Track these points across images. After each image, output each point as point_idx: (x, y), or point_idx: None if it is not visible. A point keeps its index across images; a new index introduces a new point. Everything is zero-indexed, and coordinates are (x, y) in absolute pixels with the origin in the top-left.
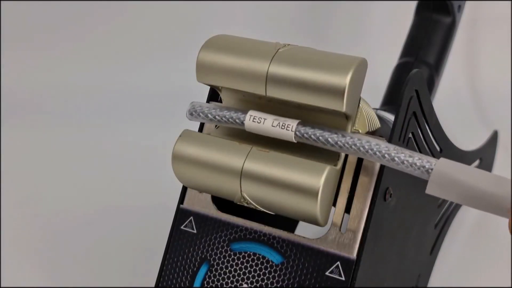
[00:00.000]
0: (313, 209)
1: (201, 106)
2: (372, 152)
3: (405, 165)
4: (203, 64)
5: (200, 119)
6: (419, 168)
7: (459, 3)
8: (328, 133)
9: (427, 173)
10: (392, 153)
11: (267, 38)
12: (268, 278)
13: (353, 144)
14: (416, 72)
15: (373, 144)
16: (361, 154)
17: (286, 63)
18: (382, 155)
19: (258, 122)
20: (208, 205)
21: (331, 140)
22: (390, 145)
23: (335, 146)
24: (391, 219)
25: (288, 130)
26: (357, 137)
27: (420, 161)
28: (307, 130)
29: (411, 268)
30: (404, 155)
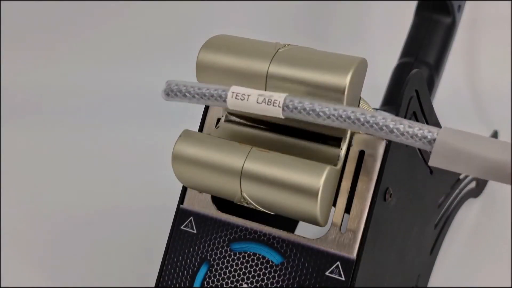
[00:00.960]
0: (313, 209)
1: (177, 84)
2: (368, 124)
3: (405, 136)
4: (203, 64)
5: (178, 98)
6: (421, 139)
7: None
8: (319, 106)
9: (429, 144)
10: (391, 124)
11: (267, 38)
12: (268, 278)
13: (347, 116)
14: (416, 72)
15: (368, 116)
16: (356, 126)
17: (286, 63)
18: (379, 127)
19: (242, 99)
20: (208, 205)
21: (324, 113)
22: (388, 116)
23: (329, 120)
24: (391, 219)
25: (275, 106)
26: (352, 109)
27: (422, 132)
28: (297, 104)
29: (411, 268)
30: (403, 126)
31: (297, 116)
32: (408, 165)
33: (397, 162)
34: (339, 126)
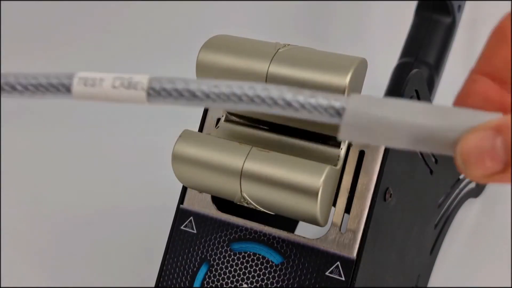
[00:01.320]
0: (313, 209)
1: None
2: (259, 99)
3: (307, 109)
4: (203, 64)
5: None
6: (326, 110)
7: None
8: (196, 83)
9: (337, 114)
10: (287, 97)
11: (267, 38)
12: (268, 278)
13: (231, 93)
14: (416, 72)
15: (259, 90)
16: (244, 105)
17: (286, 63)
18: (274, 101)
19: (92, 85)
20: (208, 205)
21: (202, 92)
22: (284, 87)
23: (209, 100)
24: (391, 219)
25: (137, 89)
26: (238, 84)
27: (327, 101)
28: (166, 85)
29: (411, 268)
30: (304, 97)
31: (167, 101)
32: (408, 165)
33: (397, 162)
34: (223, 107)
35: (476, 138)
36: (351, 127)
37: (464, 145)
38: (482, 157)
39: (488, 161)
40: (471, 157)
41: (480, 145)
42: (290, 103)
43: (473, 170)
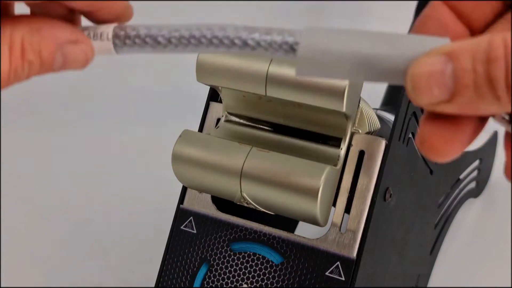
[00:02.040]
0: (313, 209)
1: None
2: (217, 40)
3: (263, 47)
4: (203, 64)
5: None
6: (281, 46)
7: None
8: (157, 29)
9: (292, 50)
10: (243, 35)
11: None
12: (268, 278)
13: (191, 36)
14: None
15: (217, 30)
16: (204, 47)
17: (286, 63)
18: (231, 41)
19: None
20: (208, 205)
21: (163, 37)
22: (240, 26)
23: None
24: (391, 219)
25: (102, 40)
26: (197, 26)
27: (281, 37)
28: (130, 32)
29: (411, 268)
30: (259, 34)
31: (134, 50)
32: (408, 165)
33: (397, 162)
34: (184, 51)
35: (427, 63)
36: (307, 61)
37: (415, 69)
38: (430, 83)
39: (436, 88)
40: (421, 82)
41: (430, 70)
42: (246, 42)
43: (421, 97)
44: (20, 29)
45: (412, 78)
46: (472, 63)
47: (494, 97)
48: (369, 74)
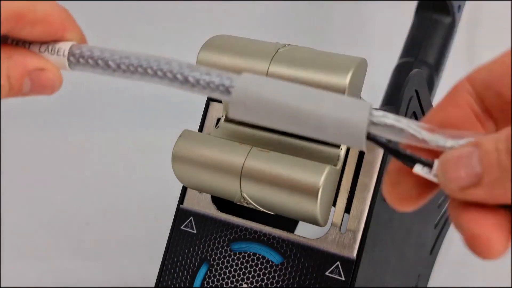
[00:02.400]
0: (313, 209)
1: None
2: (161, 73)
3: (201, 85)
4: (203, 64)
5: None
6: (218, 87)
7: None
8: (110, 53)
9: (227, 92)
10: (185, 72)
11: (267, 38)
12: (268, 278)
13: (138, 65)
14: (416, 72)
15: (162, 63)
16: (149, 78)
17: (286, 63)
18: (174, 75)
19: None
20: (208, 205)
21: (114, 62)
22: (184, 63)
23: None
24: (391, 219)
25: (59, 55)
26: (146, 57)
27: (219, 79)
28: (84, 52)
29: (411, 268)
30: (199, 73)
31: (86, 69)
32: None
33: None
34: (131, 78)
35: (456, 150)
36: (239, 105)
37: (445, 155)
38: (458, 166)
39: (463, 170)
40: (449, 165)
41: (459, 155)
42: (187, 78)
43: (450, 181)
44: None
45: (442, 162)
46: (495, 145)
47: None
48: (297, 127)
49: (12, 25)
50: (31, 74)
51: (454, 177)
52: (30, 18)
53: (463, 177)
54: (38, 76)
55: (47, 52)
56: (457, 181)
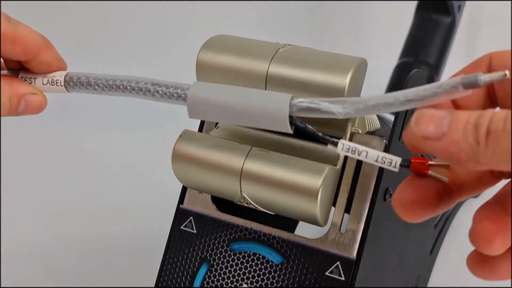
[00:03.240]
0: (313, 209)
1: None
2: (134, 91)
3: (164, 98)
4: (203, 64)
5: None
6: (177, 98)
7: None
8: (94, 78)
9: (184, 100)
10: (151, 88)
11: (267, 38)
12: (268, 278)
13: (120, 85)
14: (416, 72)
15: (133, 83)
16: (128, 93)
17: (286, 63)
18: (143, 92)
19: (30, 81)
20: (208, 205)
21: (98, 85)
22: (149, 80)
23: (106, 89)
24: (391, 219)
25: (58, 85)
26: (122, 78)
27: (176, 91)
28: (76, 81)
29: (411, 268)
30: (161, 88)
31: (80, 91)
32: None
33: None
34: (113, 95)
35: (433, 111)
36: (194, 109)
37: (423, 110)
38: (430, 121)
39: (432, 126)
40: (423, 118)
41: (434, 114)
42: (153, 92)
43: (418, 128)
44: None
45: (418, 114)
46: (468, 117)
47: (474, 140)
48: (239, 120)
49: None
50: (25, 97)
51: (423, 128)
52: (11, 38)
53: (430, 130)
54: (31, 98)
55: (48, 83)
56: (424, 131)
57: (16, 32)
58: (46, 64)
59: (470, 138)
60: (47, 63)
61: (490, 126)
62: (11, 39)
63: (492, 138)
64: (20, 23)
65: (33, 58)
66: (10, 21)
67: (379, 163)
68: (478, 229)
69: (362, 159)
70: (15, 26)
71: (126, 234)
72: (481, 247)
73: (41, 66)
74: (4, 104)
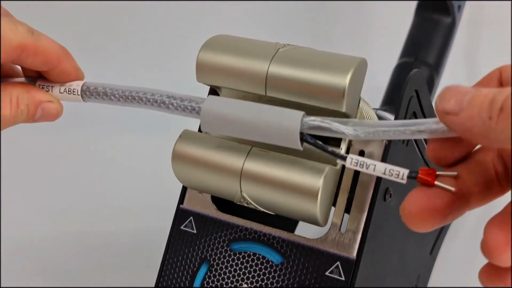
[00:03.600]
0: (313, 209)
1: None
2: (150, 102)
3: (179, 111)
4: (203, 64)
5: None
6: (191, 111)
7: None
8: (110, 89)
9: (197, 113)
10: (166, 101)
11: (267, 38)
12: (268, 278)
13: (137, 96)
14: (416, 72)
15: (149, 95)
16: (143, 104)
17: (286, 63)
18: (158, 104)
19: (47, 89)
20: (208, 205)
21: (114, 96)
22: (164, 92)
23: (122, 100)
24: (391, 219)
25: (74, 94)
26: (137, 89)
27: (191, 104)
28: (92, 91)
29: (411, 268)
30: (176, 101)
31: (96, 100)
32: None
33: (397, 162)
34: (128, 106)
35: (460, 87)
36: (207, 122)
37: (449, 86)
38: (452, 95)
39: (453, 100)
40: (447, 93)
41: (458, 89)
42: (169, 105)
43: (441, 103)
44: (16, 90)
45: (443, 89)
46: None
47: (487, 115)
48: (251, 136)
49: (18, 53)
50: (42, 105)
51: (444, 102)
52: (33, 50)
53: (451, 104)
54: (48, 106)
55: (65, 92)
56: (445, 104)
57: (38, 44)
58: (65, 73)
59: (484, 113)
60: (66, 73)
61: (504, 103)
62: (33, 50)
63: (504, 115)
64: (42, 34)
65: (53, 68)
66: (33, 33)
67: (386, 175)
68: (490, 240)
69: (370, 172)
70: (38, 38)
71: (126, 234)
72: (493, 258)
73: (60, 75)
74: (22, 111)
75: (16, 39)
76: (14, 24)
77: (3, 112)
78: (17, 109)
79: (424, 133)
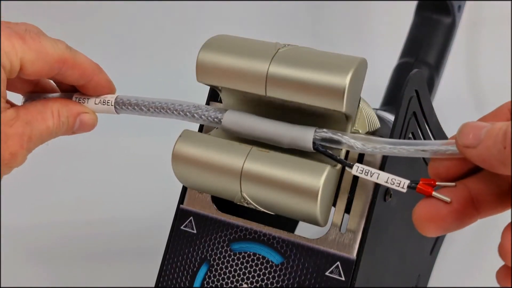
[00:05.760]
0: (313, 209)
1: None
2: (176, 112)
3: (198, 115)
4: (203, 64)
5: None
6: (214, 119)
7: (459, 3)
8: (142, 101)
9: (219, 122)
10: (192, 110)
11: (267, 38)
12: (268, 278)
13: (166, 108)
14: (416, 72)
15: (177, 105)
16: (173, 115)
17: (286, 63)
18: (184, 113)
19: (83, 101)
20: (208, 205)
21: (145, 107)
22: (190, 103)
23: (155, 112)
24: (391, 219)
25: (108, 105)
26: (166, 101)
27: (214, 113)
28: (125, 101)
29: (411, 268)
30: (201, 110)
31: (127, 111)
32: (408, 165)
33: (397, 162)
34: (157, 116)
35: (478, 123)
36: (227, 130)
37: (468, 122)
38: (470, 131)
39: (471, 135)
40: (466, 128)
41: (475, 125)
42: (194, 114)
43: (460, 138)
44: (56, 104)
45: (462, 126)
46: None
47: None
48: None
49: (60, 66)
50: (80, 116)
51: (463, 137)
52: (71, 64)
53: (469, 139)
54: (84, 117)
55: (100, 103)
56: (464, 140)
57: (76, 58)
58: (99, 86)
59: (499, 143)
60: (100, 85)
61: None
62: (72, 64)
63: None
64: (77, 51)
65: (88, 81)
66: (71, 49)
67: (389, 184)
68: (506, 244)
69: (374, 180)
70: (75, 54)
71: (126, 234)
72: (510, 260)
73: (95, 88)
74: (63, 122)
75: (57, 53)
76: (54, 41)
77: (47, 124)
78: (59, 121)
79: (427, 152)
